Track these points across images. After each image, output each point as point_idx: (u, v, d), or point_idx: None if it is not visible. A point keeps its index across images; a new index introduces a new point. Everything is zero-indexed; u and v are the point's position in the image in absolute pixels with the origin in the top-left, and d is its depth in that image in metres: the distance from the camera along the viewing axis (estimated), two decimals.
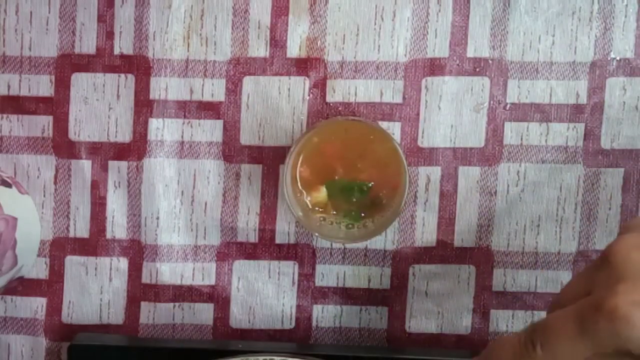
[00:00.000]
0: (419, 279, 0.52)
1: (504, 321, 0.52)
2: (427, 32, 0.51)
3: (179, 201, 0.52)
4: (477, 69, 0.51)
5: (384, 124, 0.51)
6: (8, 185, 0.51)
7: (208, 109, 0.52)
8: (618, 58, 0.51)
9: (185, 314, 0.53)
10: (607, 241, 0.39)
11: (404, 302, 0.53)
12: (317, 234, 0.49)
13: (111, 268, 0.53)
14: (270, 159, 0.52)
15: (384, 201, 0.48)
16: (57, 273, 0.53)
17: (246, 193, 0.52)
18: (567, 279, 0.52)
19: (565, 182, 0.51)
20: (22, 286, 0.53)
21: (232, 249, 0.53)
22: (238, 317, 0.53)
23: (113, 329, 0.53)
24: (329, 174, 0.48)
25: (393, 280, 0.53)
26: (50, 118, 0.52)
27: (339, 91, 0.51)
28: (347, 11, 0.51)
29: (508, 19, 0.51)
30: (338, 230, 0.48)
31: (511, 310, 0.52)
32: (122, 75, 0.52)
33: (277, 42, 0.51)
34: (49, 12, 0.51)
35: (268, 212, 0.52)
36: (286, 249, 0.53)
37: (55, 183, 0.52)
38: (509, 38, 0.51)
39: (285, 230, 0.52)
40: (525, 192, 0.52)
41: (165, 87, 0.52)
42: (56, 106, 0.52)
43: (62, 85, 0.52)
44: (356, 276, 0.53)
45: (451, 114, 0.51)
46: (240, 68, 0.51)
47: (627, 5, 0.50)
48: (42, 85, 0.52)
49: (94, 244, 0.53)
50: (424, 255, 0.52)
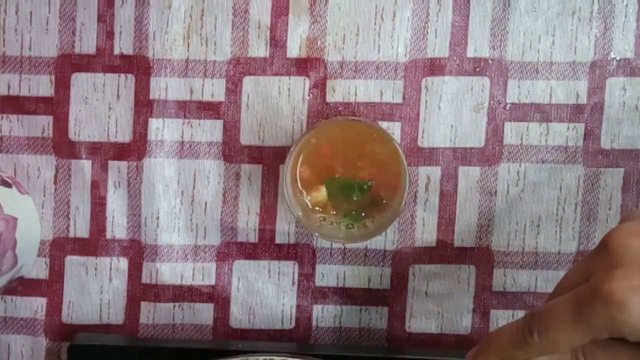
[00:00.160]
0: (419, 279, 0.52)
1: (504, 321, 0.52)
2: (427, 32, 0.51)
3: (179, 201, 0.52)
4: (477, 69, 0.51)
5: (384, 124, 0.51)
6: (8, 185, 0.51)
7: (208, 109, 0.52)
8: (618, 58, 0.51)
9: (185, 314, 0.53)
10: None
11: (404, 302, 0.53)
12: (317, 234, 0.49)
13: (111, 268, 0.53)
14: (270, 159, 0.52)
15: (384, 200, 0.48)
16: (57, 273, 0.53)
17: (246, 193, 0.52)
18: None
19: (565, 182, 0.51)
20: (22, 286, 0.53)
21: (232, 249, 0.53)
22: (238, 317, 0.53)
23: (113, 329, 0.53)
24: (329, 174, 0.48)
25: (393, 280, 0.53)
26: (50, 118, 0.52)
27: (339, 91, 0.51)
28: (347, 11, 0.51)
29: (508, 19, 0.51)
30: (338, 230, 0.48)
31: (511, 310, 0.52)
32: (122, 75, 0.52)
33: (277, 42, 0.51)
34: (49, 12, 0.51)
35: (268, 212, 0.52)
36: (286, 249, 0.53)
37: (55, 183, 0.52)
38: (509, 38, 0.51)
39: (285, 230, 0.52)
40: (525, 192, 0.52)
41: (165, 87, 0.52)
42: (56, 106, 0.52)
43: (62, 85, 0.52)
44: (356, 276, 0.53)
45: (451, 114, 0.51)
46: (240, 68, 0.51)
47: (627, 5, 0.50)
48: (42, 85, 0.52)
49: (94, 244, 0.53)
50: (424, 255, 0.52)
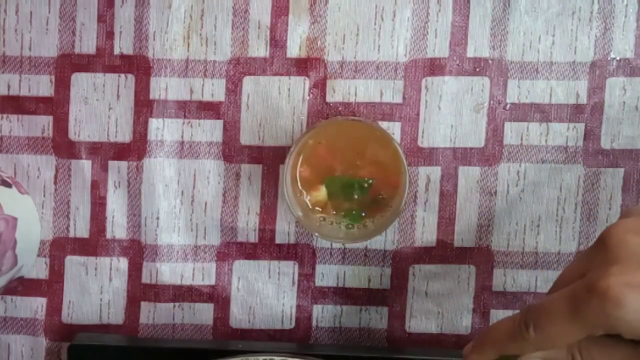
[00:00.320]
0: (419, 279, 0.52)
1: None
2: (427, 32, 0.51)
3: (179, 201, 0.52)
4: (477, 69, 0.51)
5: (384, 124, 0.51)
6: (8, 185, 0.51)
7: (208, 109, 0.52)
8: (618, 58, 0.51)
9: (185, 314, 0.53)
10: None
11: (404, 302, 0.53)
12: (317, 234, 0.49)
13: (111, 268, 0.53)
14: (270, 159, 0.52)
15: (384, 200, 0.48)
16: (57, 273, 0.53)
17: (246, 193, 0.52)
18: None
19: (565, 182, 0.51)
20: (22, 286, 0.53)
21: (232, 249, 0.53)
22: (238, 317, 0.53)
23: (113, 329, 0.53)
24: (329, 174, 0.48)
25: (393, 280, 0.53)
26: (50, 118, 0.52)
27: (339, 91, 0.51)
28: (347, 11, 0.51)
29: (508, 19, 0.51)
30: (338, 230, 0.48)
31: (511, 310, 0.52)
32: (122, 75, 0.52)
33: (277, 42, 0.51)
34: (49, 12, 0.51)
35: (268, 212, 0.52)
36: (286, 249, 0.53)
37: (55, 183, 0.52)
38: (509, 38, 0.51)
39: (285, 230, 0.52)
40: (525, 192, 0.52)
41: (165, 87, 0.52)
42: (56, 106, 0.52)
43: (62, 85, 0.52)
44: (356, 276, 0.53)
45: (451, 114, 0.51)
46: (240, 68, 0.51)
47: (627, 5, 0.50)
48: (42, 85, 0.52)
49: (94, 244, 0.53)
50: (424, 255, 0.52)
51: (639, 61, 0.51)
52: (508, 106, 0.51)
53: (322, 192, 0.48)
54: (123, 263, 0.53)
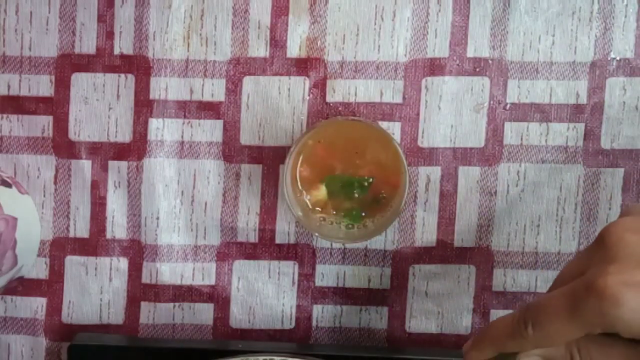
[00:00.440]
0: (419, 279, 0.52)
1: None
2: (427, 32, 0.51)
3: (179, 201, 0.52)
4: (477, 69, 0.51)
5: (384, 124, 0.51)
6: (8, 185, 0.51)
7: (208, 109, 0.52)
8: (618, 58, 0.51)
9: (185, 314, 0.53)
10: None
11: (404, 302, 0.53)
12: (317, 234, 0.49)
13: (111, 268, 0.53)
14: (270, 159, 0.52)
15: (385, 199, 0.48)
16: (57, 273, 0.53)
17: (246, 193, 0.52)
18: None
19: (565, 182, 0.51)
20: (22, 286, 0.53)
21: (232, 249, 0.53)
22: (238, 317, 0.53)
23: (113, 329, 0.53)
24: (329, 173, 0.48)
25: (393, 280, 0.53)
26: (50, 118, 0.52)
27: (339, 91, 0.51)
28: (347, 11, 0.51)
29: (508, 19, 0.51)
30: (338, 230, 0.48)
31: (511, 310, 0.52)
32: (122, 75, 0.52)
33: (277, 42, 0.51)
34: (49, 12, 0.51)
35: (268, 212, 0.52)
36: (286, 249, 0.53)
37: (55, 183, 0.52)
38: (509, 38, 0.51)
39: (285, 230, 0.52)
40: (525, 192, 0.52)
41: (165, 87, 0.52)
42: (56, 106, 0.52)
43: (62, 85, 0.52)
44: (356, 276, 0.53)
45: (451, 114, 0.51)
46: (240, 68, 0.51)
47: (627, 5, 0.50)
48: (42, 85, 0.52)
49: (94, 244, 0.53)
50: (424, 255, 0.52)
51: (639, 61, 0.51)
52: (508, 106, 0.51)
53: (322, 192, 0.48)
54: (123, 263, 0.53)
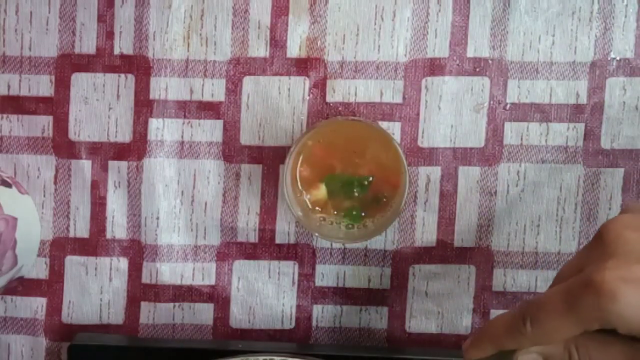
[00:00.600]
0: (419, 279, 0.52)
1: None
2: (427, 32, 0.51)
3: (179, 201, 0.52)
4: (477, 69, 0.51)
5: (384, 124, 0.51)
6: (8, 185, 0.51)
7: (208, 109, 0.52)
8: (618, 58, 0.51)
9: (185, 314, 0.53)
10: None
11: (404, 302, 0.53)
12: (317, 234, 0.49)
13: (111, 268, 0.53)
14: (270, 159, 0.52)
15: (385, 199, 0.48)
16: (57, 273, 0.53)
17: (246, 193, 0.52)
18: None
19: (565, 182, 0.51)
20: (22, 286, 0.53)
21: (232, 249, 0.53)
22: (238, 317, 0.53)
23: (113, 329, 0.53)
24: (329, 173, 0.48)
25: (393, 280, 0.53)
26: (50, 118, 0.52)
27: (339, 91, 0.51)
28: (347, 11, 0.51)
29: (508, 19, 0.51)
30: (338, 230, 0.48)
31: None
32: (122, 75, 0.52)
33: (277, 42, 0.51)
34: (49, 12, 0.51)
35: (268, 212, 0.52)
36: (286, 249, 0.53)
37: (55, 183, 0.52)
38: (509, 38, 0.51)
39: (285, 230, 0.52)
40: (525, 192, 0.52)
41: (165, 87, 0.52)
42: (56, 106, 0.52)
43: (62, 85, 0.52)
44: (356, 276, 0.53)
45: (451, 114, 0.51)
46: (240, 68, 0.51)
47: (627, 5, 0.50)
48: (42, 85, 0.52)
49: (94, 244, 0.53)
50: (424, 255, 0.52)
51: (639, 61, 0.51)
52: (508, 106, 0.51)
53: (322, 191, 0.48)
54: (123, 263, 0.53)
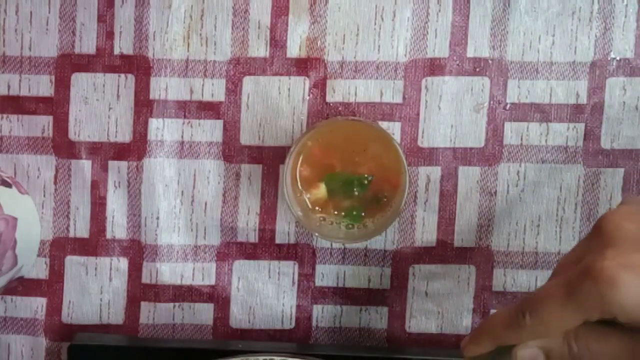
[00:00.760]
0: (419, 279, 0.52)
1: None
2: (427, 32, 0.51)
3: (179, 201, 0.52)
4: (477, 69, 0.51)
5: (384, 124, 0.51)
6: (8, 185, 0.51)
7: (208, 109, 0.52)
8: (618, 58, 0.51)
9: (185, 314, 0.53)
10: None
11: (404, 302, 0.53)
12: (317, 234, 0.49)
13: (111, 268, 0.53)
14: (270, 159, 0.52)
15: (385, 199, 0.48)
16: (57, 273, 0.53)
17: (246, 193, 0.52)
18: None
19: (565, 182, 0.51)
20: (22, 286, 0.53)
21: (232, 249, 0.53)
22: (238, 317, 0.53)
23: (113, 329, 0.53)
24: (329, 172, 0.48)
25: (393, 280, 0.53)
26: (50, 118, 0.52)
27: (339, 91, 0.51)
28: (347, 11, 0.51)
29: (508, 19, 0.51)
30: (338, 230, 0.48)
31: None
32: (122, 75, 0.52)
33: (277, 42, 0.51)
34: (49, 12, 0.51)
35: (268, 212, 0.52)
36: (286, 249, 0.53)
37: (55, 183, 0.52)
38: (509, 38, 0.51)
39: (285, 230, 0.52)
40: (525, 192, 0.52)
41: (165, 87, 0.52)
42: (56, 106, 0.52)
43: (62, 85, 0.52)
44: (356, 276, 0.53)
45: (451, 114, 0.51)
46: (240, 68, 0.52)
47: (627, 5, 0.50)
48: (42, 85, 0.52)
49: (94, 244, 0.53)
50: (424, 255, 0.52)
51: (639, 61, 0.51)
52: (508, 106, 0.51)
53: (322, 190, 0.48)
54: (123, 263, 0.53)
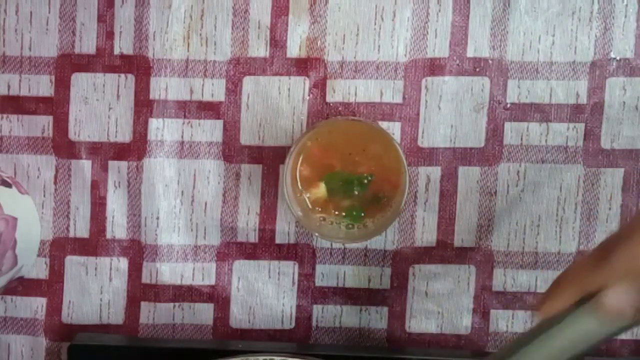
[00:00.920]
0: (419, 279, 0.52)
1: (504, 321, 0.52)
2: (427, 32, 0.51)
3: (179, 201, 0.52)
4: (477, 69, 0.51)
5: (384, 124, 0.51)
6: (8, 185, 0.51)
7: (208, 109, 0.52)
8: (618, 58, 0.51)
9: (185, 314, 0.53)
10: None
11: (404, 302, 0.53)
12: (317, 234, 0.49)
13: (111, 268, 0.53)
14: (270, 159, 0.52)
15: (385, 199, 0.48)
16: (57, 273, 0.53)
17: (246, 193, 0.52)
18: None
19: (565, 182, 0.51)
20: (22, 286, 0.53)
21: (232, 249, 0.53)
22: (238, 317, 0.53)
23: (113, 329, 0.53)
24: (329, 172, 0.48)
25: (393, 280, 0.53)
26: (50, 118, 0.52)
27: (339, 91, 0.51)
28: (347, 11, 0.51)
29: (508, 19, 0.51)
30: (338, 230, 0.48)
31: (511, 310, 0.52)
32: (122, 75, 0.52)
33: (277, 42, 0.51)
34: (49, 12, 0.51)
35: (268, 212, 0.52)
36: (286, 249, 0.53)
37: (55, 183, 0.52)
38: (509, 38, 0.51)
39: (285, 230, 0.52)
40: (525, 192, 0.52)
41: (165, 87, 0.52)
42: (56, 106, 0.52)
43: (62, 85, 0.52)
44: (356, 276, 0.53)
45: (451, 114, 0.51)
46: (240, 68, 0.51)
47: (627, 5, 0.50)
48: (42, 85, 0.52)
49: (94, 244, 0.53)
50: (424, 255, 0.52)
51: (639, 61, 0.51)
52: (508, 106, 0.51)
53: (322, 190, 0.48)
54: (123, 263, 0.53)
